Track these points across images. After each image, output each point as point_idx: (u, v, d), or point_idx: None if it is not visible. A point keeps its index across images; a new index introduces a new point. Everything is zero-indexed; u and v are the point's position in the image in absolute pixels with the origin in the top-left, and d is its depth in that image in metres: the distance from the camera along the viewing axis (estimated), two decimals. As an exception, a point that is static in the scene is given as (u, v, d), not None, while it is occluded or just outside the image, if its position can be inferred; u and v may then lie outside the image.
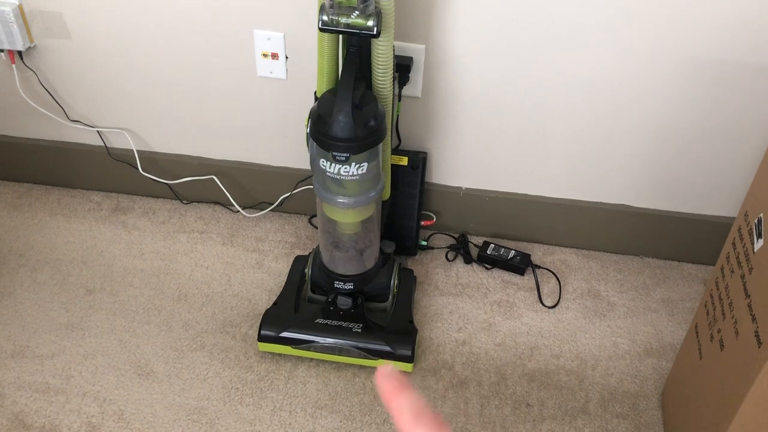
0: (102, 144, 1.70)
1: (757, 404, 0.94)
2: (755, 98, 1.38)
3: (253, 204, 1.74)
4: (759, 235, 0.99)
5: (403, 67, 1.41)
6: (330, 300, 1.40)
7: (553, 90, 1.44)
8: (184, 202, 1.76)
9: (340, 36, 1.19)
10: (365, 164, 1.19)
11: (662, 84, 1.39)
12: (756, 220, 1.01)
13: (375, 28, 1.10)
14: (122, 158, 1.70)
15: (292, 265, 1.52)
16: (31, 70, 1.58)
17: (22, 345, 1.42)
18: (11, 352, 1.40)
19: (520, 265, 1.60)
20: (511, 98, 1.47)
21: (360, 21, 1.09)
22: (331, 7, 1.09)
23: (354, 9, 1.09)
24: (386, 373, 0.38)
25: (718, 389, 1.06)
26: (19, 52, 1.54)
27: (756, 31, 1.29)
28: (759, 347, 0.93)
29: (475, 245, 1.67)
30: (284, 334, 1.38)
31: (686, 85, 1.39)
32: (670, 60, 1.36)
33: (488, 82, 1.45)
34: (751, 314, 0.97)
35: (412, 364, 1.37)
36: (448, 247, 1.67)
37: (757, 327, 0.95)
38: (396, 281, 1.46)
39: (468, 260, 1.64)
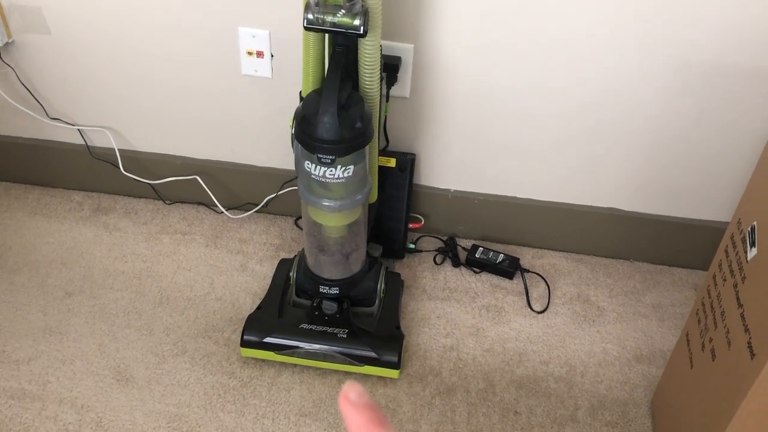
0: (83, 142, 1.66)
1: (749, 417, 0.92)
2: (748, 103, 1.36)
3: (238, 205, 1.70)
4: (753, 244, 0.97)
5: (391, 67, 1.38)
6: (315, 304, 1.37)
7: (544, 92, 1.41)
8: (167, 202, 1.72)
9: (326, 35, 1.16)
10: (351, 167, 1.16)
11: (654, 88, 1.37)
12: (749, 228, 0.99)
13: (362, 27, 1.07)
14: (103, 157, 1.66)
15: (276, 269, 1.49)
16: (9, 66, 1.54)
17: (-3, 349, 1.38)
18: (-14, 356, 1.37)
19: (509, 269, 1.58)
20: (501, 99, 1.44)
21: (346, 20, 1.06)
22: (317, 5, 1.06)
23: (340, 7, 1.06)
24: (353, 397, 0.33)
25: (710, 400, 1.04)
26: (-3, 48, 1.50)
27: (750, 36, 1.27)
28: (752, 359, 0.91)
29: (463, 248, 1.65)
30: (268, 340, 1.34)
31: (679, 89, 1.36)
32: (663, 65, 1.33)
33: (478, 83, 1.42)
34: (743, 324, 0.95)
35: (398, 371, 1.34)
36: (436, 251, 1.64)
37: (750, 338, 0.93)
38: (383, 285, 1.43)
39: (456, 264, 1.61)
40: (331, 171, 1.15)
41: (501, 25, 1.33)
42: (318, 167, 1.15)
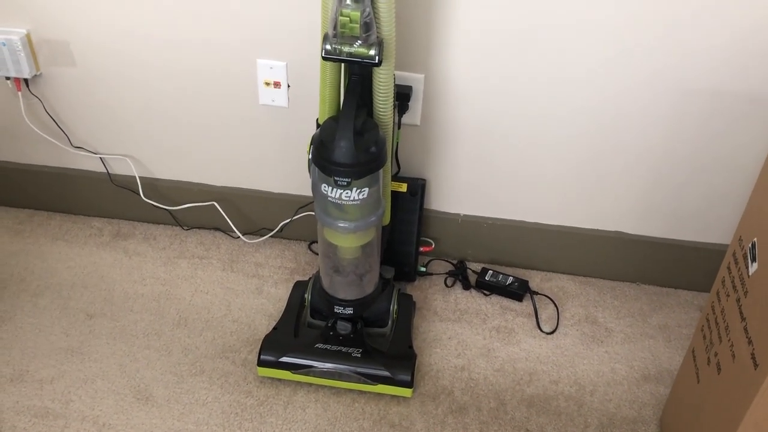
0: (104, 170, 1.72)
1: (755, 425, 0.95)
2: (748, 128, 1.41)
3: (254, 230, 1.75)
4: (753, 259, 1.01)
5: (402, 96, 1.44)
6: (329, 325, 1.41)
7: (550, 119, 1.47)
8: (185, 228, 1.78)
9: (342, 65, 1.22)
10: (366, 189, 1.21)
11: (657, 116, 1.42)
12: (750, 245, 1.03)
13: (377, 57, 1.13)
14: (124, 184, 1.72)
15: (291, 291, 1.53)
16: (37, 97, 1.61)
17: (21, 369, 1.42)
18: (10, 376, 1.40)
19: (519, 291, 1.62)
20: (509, 127, 1.49)
21: (362, 50, 1.12)
22: (335, 36, 1.12)
23: (356, 38, 1.12)
24: None
25: (716, 412, 1.07)
26: (26, 80, 1.57)
27: (748, 66, 1.32)
28: (755, 369, 0.94)
29: (473, 271, 1.69)
30: (284, 359, 1.38)
31: (681, 115, 1.42)
32: (666, 91, 1.39)
33: (486, 111, 1.48)
34: (747, 337, 0.99)
35: (411, 390, 1.38)
36: (446, 273, 1.68)
37: (753, 349, 0.96)
38: (395, 306, 1.47)
39: (466, 286, 1.65)
40: (347, 193, 1.20)
41: (508, 56, 1.39)
42: (334, 190, 1.20)
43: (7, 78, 1.56)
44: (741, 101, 1.38)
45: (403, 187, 1.57)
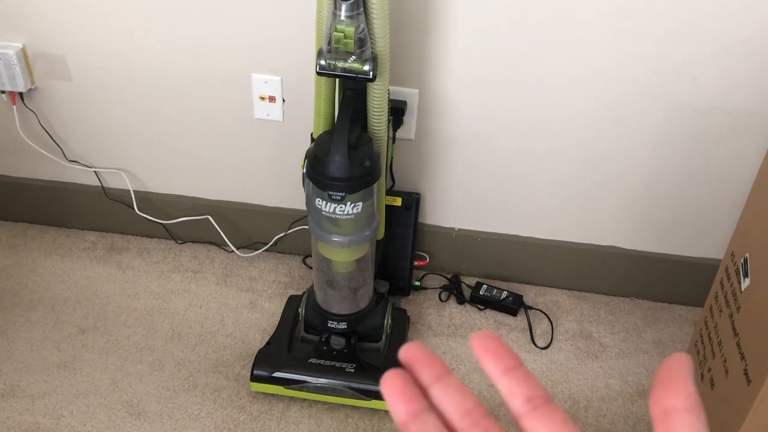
0: (99, 184, 1.72)
1: (748, 442, 0.95)
2: (739, 143, 1.42)
3: (248, 244, 1.75)
4: (745, 275, 1.01)
5: (397, 111, 1.45)
6: (323, 340, 1.41)
7: (544, 134, 1.48)
8: (179, 242, 1.77)
9: (337, 80, 1.23)
10: (360, 203, 1.21)
11: (650, 130, 1.43)
12: (742, 260, 1.03)
13: (371, 73, 1.13)
14: (118, 198, 1.72)
15: (285, 305, 1.53)
16: (32, 111, 1.61)
17: (13, 384, 1.41)
18: (2, 391, 1.39)
19: (513, 305, 1.62)
20: (502, 142, 1.50)
21: (356, 65, 1.13)
22: (329, 52, 1.13)
23: (351, 54, 1.12)
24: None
25: (710, 428, 1.06)
26: (20, 94, 1.57)
27: (739, 78, 1.34)
28: (748, 385, 0.94)
29: (467, 286, 1.69)
30: (277, 374, 1.37)
31: (673, 130, 1.43)
32: (657, 106, 1.40)
33: (480, 126, 1.48)
34: (739, 352, 0.99)
35: (405, 405, 1.37)
36: (441, 288, 1.68)
37: (746, 365, 0.96)
38: (389, 321, 1.47)
39: (461, 301, 1.65)
40: (341, 207, 1.20)
41: (502, 72, 1.40)
42: (328, 204, 1.20)
43: (2, 91, 1.56)
44: (734, 116, 1.39)
45: (398, 202, 1.57)
